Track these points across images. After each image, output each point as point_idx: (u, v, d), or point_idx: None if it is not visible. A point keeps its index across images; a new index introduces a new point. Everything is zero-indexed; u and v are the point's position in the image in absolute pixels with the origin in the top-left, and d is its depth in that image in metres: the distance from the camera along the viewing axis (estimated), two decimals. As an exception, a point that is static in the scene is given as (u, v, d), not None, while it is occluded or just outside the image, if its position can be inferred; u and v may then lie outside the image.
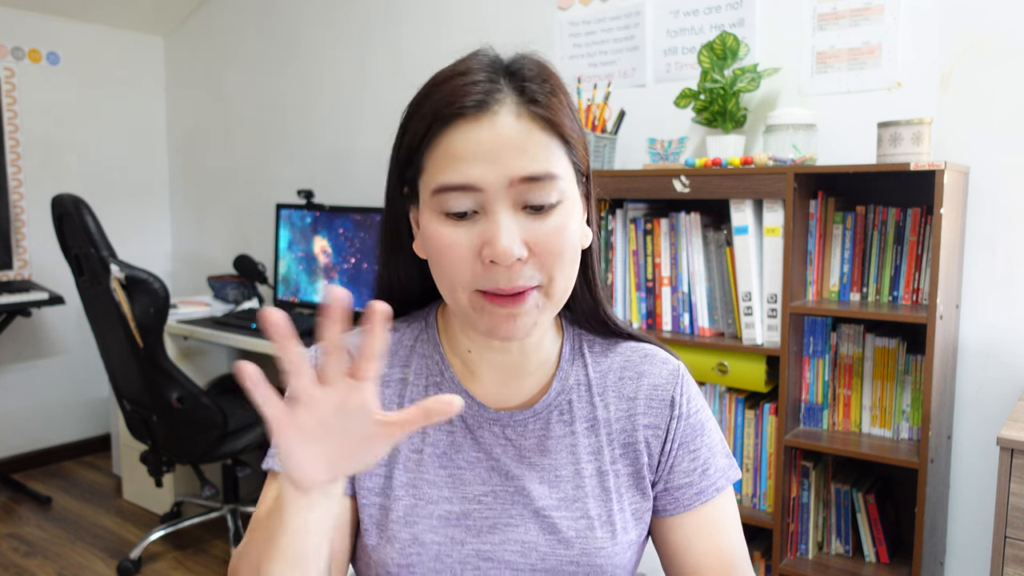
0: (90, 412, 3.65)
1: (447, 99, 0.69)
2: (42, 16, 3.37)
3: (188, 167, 3.79)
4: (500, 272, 0.68)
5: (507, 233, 0.67)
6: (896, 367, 1.74)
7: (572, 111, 0.74)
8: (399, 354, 0.84)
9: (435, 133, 0.70)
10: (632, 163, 2.26)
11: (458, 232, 0.69)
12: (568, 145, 0.72)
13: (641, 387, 0.82)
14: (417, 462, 0.79)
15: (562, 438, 0.81)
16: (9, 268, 3.29)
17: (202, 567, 2.60)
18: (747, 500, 1.89)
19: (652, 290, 1.97)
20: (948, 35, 1.80)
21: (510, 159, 0.68)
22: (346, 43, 3.03)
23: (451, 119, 0.69)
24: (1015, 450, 1.31)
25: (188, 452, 2.42)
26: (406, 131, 0.73)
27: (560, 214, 0.70)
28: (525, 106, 0.70)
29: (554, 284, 0.71)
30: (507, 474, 0.79)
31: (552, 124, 0.70)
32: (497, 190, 0.68)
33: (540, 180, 0.68)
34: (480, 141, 0.68)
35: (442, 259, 0.70)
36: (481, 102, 0.69)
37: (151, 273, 2.29)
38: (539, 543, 0.77)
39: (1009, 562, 1.34)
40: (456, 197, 0.68)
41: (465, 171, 0.68)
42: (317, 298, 2.91)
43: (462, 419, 0.80)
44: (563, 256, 0.71)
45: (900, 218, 1.74)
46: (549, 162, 0.69)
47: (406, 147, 0.73)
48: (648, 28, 2.25)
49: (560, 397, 0.82)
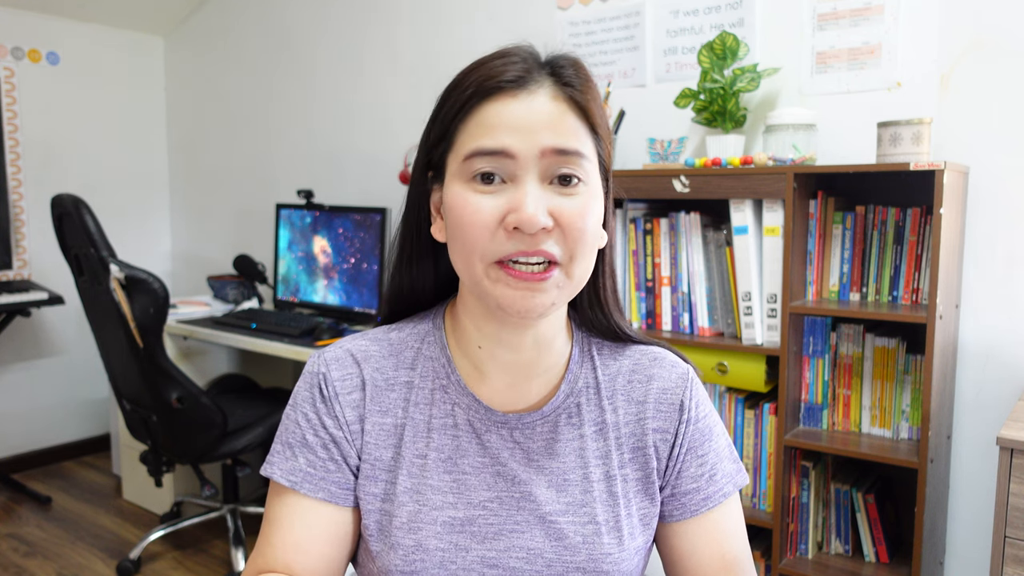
0: (90, 412, 3.65)
1: (488, 74, 0.72)
2: (42, 16, 3.37)
3: (188, 167, 3.79)
4: (523, 239, 0.70)
5: (534, 200, 0.69)
6: (896, 367, 1.74)
7: (603, 111, 0.77)
8: (405, 356, 0.82)
9: (473, 104, 0.73)
10: (632, 163, 2.26)
11: (484, 199, 0.71)
12: (596, 136, 0.75)
13: (650, 391, 0.82)
14: (421, 467, 0.78)
15: (570, 441, 0.80)
16: (9, 268, 3.29)
17: (202, 567, 2.60)
18: (747, 500, 1.89)
19: (652, 290, 1.97)
20: (948, 35, 1.80)
21: (543, 132, 0.70)
22: (346, 43, 3.03)
23: (491, 92, 0.72)
24: (1015, 450, 1.31)
25: (188, 452, 2.42)
26: (443, 107, 0.76)
27: (584, 195, 0.72)
28: (561, 88, 0.73)
29: (574, 264, 0.72)
30: (513, 479, 0.78)
31: (584, 110, 0.73)
32: (528, 159, 0.70)
33: (569, 155, 0.71)
34: (516, 114, 0.71)
35: (465, 226, 0.71)
36: (520, 78, 0.72)
37: (151, 273, 2.29)
38: (545, 549, 0.76)
39: (1009, 562, 1.34)
40: (487, 161, 0.70)
41: (499, 138, 0.70)
42: (317, 298, 2.91)
43: (468, 423, 0.79)
44: (584, 236, 0.72)
45: (900, 218, 1.74)
46: (579, 142, 0.72)
47: (440, 121, 0.75)
48: (648, 28, 2.25)
49: (569, 400, 0.81)
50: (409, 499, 0.77)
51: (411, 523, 0.76)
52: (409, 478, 0.78)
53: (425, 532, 0.76)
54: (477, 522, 0.77)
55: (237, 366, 3.15)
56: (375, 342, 0.83)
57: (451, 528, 0.76)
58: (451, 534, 0.76)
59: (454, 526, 0.76)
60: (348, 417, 0.79)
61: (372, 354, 0.82)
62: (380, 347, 0.82)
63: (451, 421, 0.79)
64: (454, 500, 0.77)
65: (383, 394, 0.80)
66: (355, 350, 0.82)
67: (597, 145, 0.75)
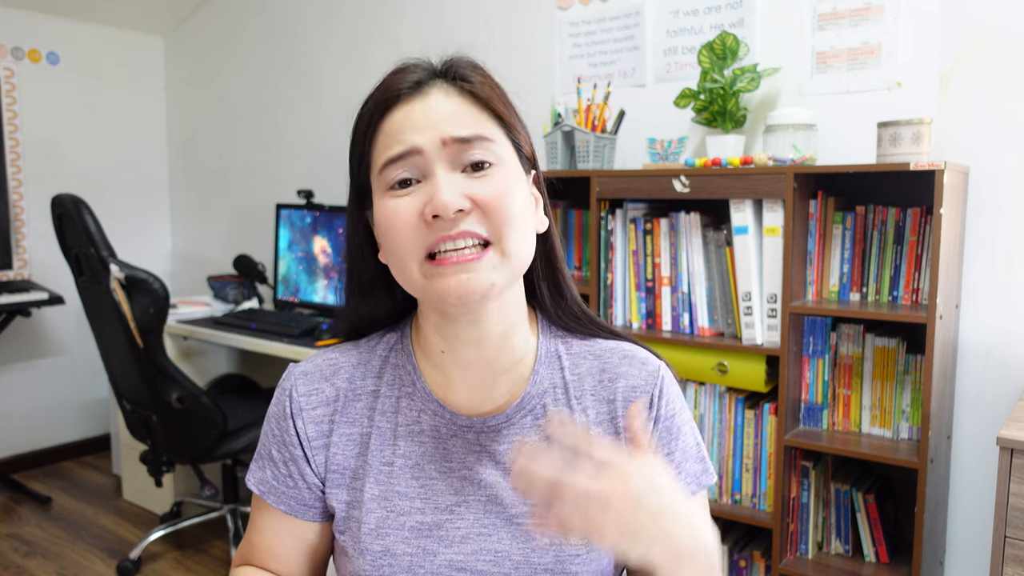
0: (90, 412, 3.65)
1: (387, 88, 0.76)
2: (42, 16, 3.37)
3: (188, 167, 3.79)
4: (444, 224, 0.71)
5: (445, 186, 0.71)
6: (896, 367, 1.74)
7: (507, 101, 0.79)
8: (372, 365, 0.84)
9: (378, 119, 0.76)
10: (632, 163, 2.26)
11: (403, 201, 0.73)
12: (503, 124, 0.76)
13: (618, 389, 0.81)
14: (388, 474, 0.79)
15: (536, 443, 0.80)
16: (9, 268, 3.29)
17: (202, 567, 2.60)
18: (747, 500, 1.89)
19: (652, 290, 1.97)
20: (948, 35, 1.80)
21: (442, 124, 0.73)
22: (346, 43, 3.03)
23: (391, 103, 0.75)
24: (1015, 450, 1.31)
25: (188, 452, 2.42)
26: (355, 132, 0.79)
27: (499, 176, 0.74)
28: (454, 84, 0.76)
29: (505, 242, 0.73)
30: (480, 483, 0.79)
31: (481, 100, 0.75)
32: (433, 151, 0.72)
33: (471, 141, 0.73)
34: (413, 114, 0.74)
35: (390, 230, 0.73)
36: (416, 84, 0.75)
37: (151, 273, 2.29)
38: (512, 552, 0.77)
39: (1009, 562, 1.34)
40: (398, 167, 0.73)
41: (403, 140, 0.73)
42: (317, 298, 2.91)
43: (434, 428, 0.80)
44: (507, 212, 0.73)
45: (900, 218, 1.74)
46: (480, 127, 0.74)
47: (356, 146, 0.78)
48: (648, 28, 2.25)
49: (534, 401, 0.80)
50: (377, 506, 0.78)
51: (379, 529, 0.78)
52: (376, 485, 0.79)
53: (393, 537, 0.77)
54: (444, 526, 0.78)
55: (237, 366, 3.15)
56: (345, 353, 0.85)
57: (419, 533, 0.77)
58: (419, 539, 0.77)
59: (422, 531, 0.77)
60: (310, 433, 0.81)
61: (342, 366, 0.84)
62: (349, 358, 0.85)
63: (417, 428, 0.81)
64: (421, 505, 0.78)
65: (351, 404, 0.82)
66: (325, 364, 0.84)
67: (508, 133, 0.77)
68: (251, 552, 0.85)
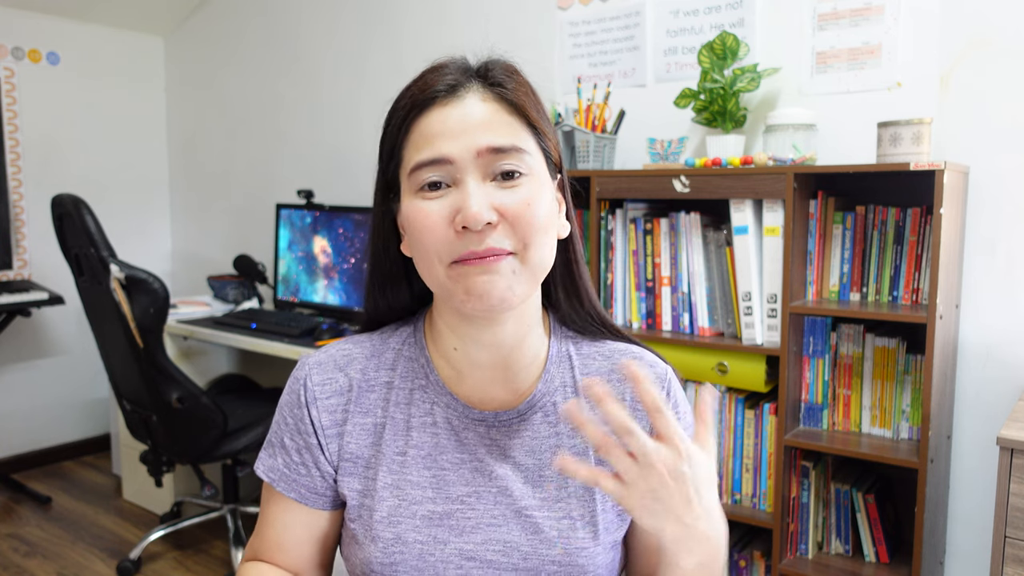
0: (90, 412, 3.65)
1: (422, 87, 0.77)
2: (42, 16, 3.37)
3: (188, 167, 3.79)
4: (472, 237, 0.72)
5: (476, 199, 0.71)
6: (896, 367, 1.74)
7: (540, 107, 0.79)
8: (386, 357, 0.85)
9: (412, 120, 0.76)
10: (632, 163, 2.26)
11: (433, 204, 0.73)
12: (535, 131, 0.77)
13: (627, 390, 0.83)
14: (401, 464, 0.81)
15: (546, 439, 0.82)
16: (9, 268, 3.29)
17: (202, 567, 2.60)
18: (747, 500, 1.89)
19: (652, 290, 1.97)
20: (948, 35, 1.80)
21: (477, 133, 0.73)
22: (346, 43, 3.03)
23: (426, 104, 0.75)
24: (1015, 450, 1.31)
25: (188, 452, 2.42)
26: (387, 127, 0.79)
27: (528, 186, 0.74)
28: (490, 90, 0.76)
29: (528, 251, 0.74)
30: (491, 475, 0.80)
31: (516, 107, 0.76)
32: (466, 161, 0.73)
33: (505, 151, 0.73)
34: (449, 120, 0.74)
35: (420, 234, 0.74)
36: (452, 87, 0.76)
37: (151, 273, 2.29)
38: (521, 543, 0.78)
39: (1009, 562, 1.34)
40: (430, 171, 0.73)
41: (437, 147, 0.73)
42: (317, 298, 2.91)
43: (447, 420, 0.82)
44: (534, 224, 0.74)
45: (900, 218, 1.74)
46: (514, 137, 0.74)
47: (388, 141, 0.79)
48: (648, 28, 2.25)
49: (545, 398, 0.83)
50: (389, 494, 0.80)
51: (391, 517, 0.79)
52: (389, 474, 0.81)
53: (405, 526, 0.79)
54: (455, 516, 0.79)
55: (237, 366, 3.15)
56: (358, 344, 0.87)
57: (430, 522, 0.79)
58: (430, 527, 0.79)
59: (433, 520, 0.79)
60: (324, 422, 0.82)
61: (355, 357, 0.85)
62: (363, 349, 0.86)
63: (430, 419, 0.82)
64: (433, 495, 0.80)
65: (364, 395, 0.83)
66: (339, 355, 0.86)
67: (538, 140, 0.77)
68: (260, 546, 0.86)
